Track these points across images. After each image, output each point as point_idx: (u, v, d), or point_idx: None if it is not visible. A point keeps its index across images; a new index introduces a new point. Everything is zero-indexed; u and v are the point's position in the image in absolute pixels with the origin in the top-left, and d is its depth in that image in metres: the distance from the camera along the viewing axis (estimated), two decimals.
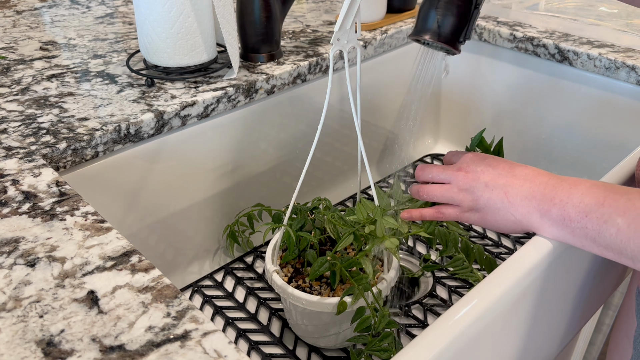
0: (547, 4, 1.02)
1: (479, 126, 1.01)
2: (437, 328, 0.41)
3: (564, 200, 0.45)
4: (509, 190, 0.49)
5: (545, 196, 0.47)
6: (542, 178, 0.48)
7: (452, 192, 0.53)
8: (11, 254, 0.43)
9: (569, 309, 0.63)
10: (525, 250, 0.50)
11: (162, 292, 0.40)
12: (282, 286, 0.58)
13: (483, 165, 0.52)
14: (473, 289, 0.46)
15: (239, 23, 0.75)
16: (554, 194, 0.46)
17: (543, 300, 0.55)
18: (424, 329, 0.42)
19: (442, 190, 0.54)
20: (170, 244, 0.72)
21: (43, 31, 0.88)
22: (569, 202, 0.45)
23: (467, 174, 0.52)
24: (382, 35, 0.88)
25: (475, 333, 0.43)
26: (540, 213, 0.47)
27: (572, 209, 0.45)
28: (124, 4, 1.02)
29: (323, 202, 0.69)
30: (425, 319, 0.68)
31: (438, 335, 0.41)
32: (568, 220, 0.45)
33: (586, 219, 0.44)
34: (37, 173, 0.52)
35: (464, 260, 0.66)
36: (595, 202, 0.44)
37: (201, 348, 0.35)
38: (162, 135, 0.66)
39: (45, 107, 0.64)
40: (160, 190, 0.69)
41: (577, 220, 0.44)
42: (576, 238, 0.45)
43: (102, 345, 0.36)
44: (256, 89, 0.73)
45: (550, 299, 0.56)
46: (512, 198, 0.49)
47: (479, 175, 0.51)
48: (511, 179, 0.50)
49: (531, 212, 0.48)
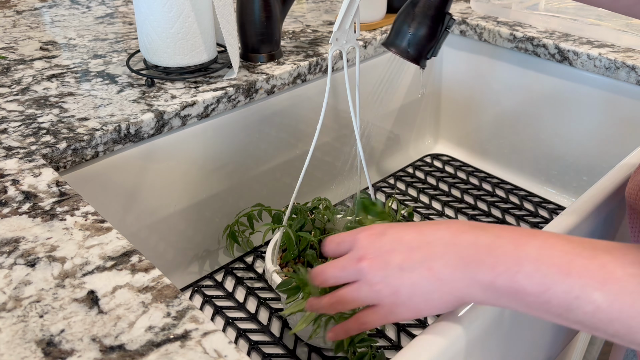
0: (547, 4, 1.02)
1: (479, 126, 1.01)
2: (436, 328, 0.41)
3: (511, 269, 0.35)
4: (431, 265, 0.38)
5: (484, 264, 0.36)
6: (465, 237, 0.38)
7: (364, 292, 0.40)
8: (11, 254, 0.43)
9: None
10: None
11: (162, 292, 0.40)
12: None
13: (385, 242, 0.40)
14: None
15: (239, 23, 0.76)
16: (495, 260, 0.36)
17: None
18: (424, 329, 0.42)
19: (351, 292, 0.41)
20: (170, 244, 0.72)
21: (43, 31, 0.88)
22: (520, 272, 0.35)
23: (371, 261, 0.40)
24: (382, 35, 0.88)
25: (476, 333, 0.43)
26: (483, 285, 0.36)
27: (526, 280, 0.34)
28: (124, 4, 1.02)
29: (323, 202, 0.69)
30: (425, 319, 0.68)
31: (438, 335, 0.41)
32: (523, 293, 0.35)
33: (548, 293, 0.34)
34: (37, 173, 0.53)
35: None
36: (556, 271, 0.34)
37: (201, 348, 0.35)
38: (162, 135, 0.66)
39: (45, 107, 0.64)
40: (160, 190, 0.69)
41: (536, 295, 0.34)
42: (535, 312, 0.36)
43: (102, 345, 0.36)
44: (256, 89, 0.73)
45: None
46: (440, 273, 0.38)
47: (387, 258, 0.39)
48: (428, 248, 0.38)
49: (469, 285, 0.37)
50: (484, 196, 0.92)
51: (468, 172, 0.99)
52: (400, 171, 0.99)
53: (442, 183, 0.95)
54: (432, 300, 0.39)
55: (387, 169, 0.99)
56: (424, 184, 0.95)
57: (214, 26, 0.72)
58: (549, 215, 0.87)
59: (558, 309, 0.34)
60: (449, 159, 1.03)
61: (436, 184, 0.95)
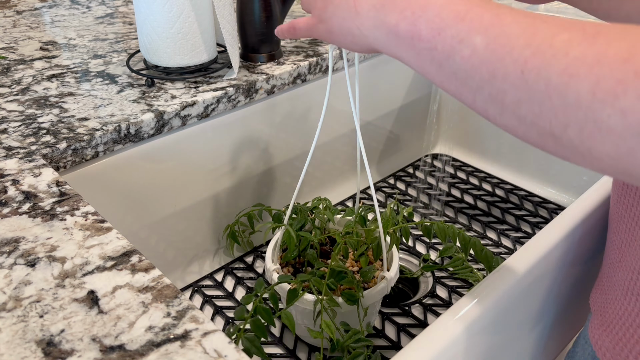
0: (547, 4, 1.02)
1: (479, 125, 1.01)
2: (437, 328, 0.42)
3: (416, 13, 0.35)
4: (359, 0, 0.39)
5: (397, 6, 0.36)
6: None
7: (308, 2, 0.45)
8: (11, 253, 0.43)
9: (569, 308, 0.63)
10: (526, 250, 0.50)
11: (162, 292, 0.40)
12: (282, 285, 0.58)
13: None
14: (473, 288, 0.46)
15: (239, 23, 0.76)
16: (406, 4, 0.36)
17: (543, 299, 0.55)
18: (424, 329, 0.42)
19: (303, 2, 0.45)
20: (170, 244, 0.72)
21: (43, 31, 0.88)
22: (422, 16, 0.35)
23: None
24: None
25: (475, 333, 0.43)
26: (387, 28, 0.37)
27: (425, 24, 0.34)
28: (124, 4, 1.02)
29: (323, 202, 0.69)
30: (425, 319, 0.68)
31: (438, 335, 0.41)
32: (417, 39, 0.35)
33: (438, 38, 0.34)
34: (37, 173, 0.53)
35: (463, 260, 0.66)
36: (454, 16, 0.33)
37: (201, 348, 0.35)
38: (162, 135, 0.66)
39: (45, 107, 0.64)
40: (160, 190, 0.69)
41: (427, 40, 0.34)
42: (420, 62, 0.36)
43: (102, 345, 0.36)
44: (256, 89, 0.73)
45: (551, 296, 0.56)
46: (360, 7, 0.39)
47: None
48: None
49: (378, 26, 0.38)
50: (484, 196, 0.92)
51: (468, 172, 0.99)
52: (400, 171, 0.99)
53: (442, 183, 0.95)
54: (344, 29, 0.40)
55: (387, 169, 0.99)
56: (424, 184, 0.95)
57: (214, 26, 0.72)
58: (548, 215, 0.87)
59: (441, 56, 0.34)
60: (449, 159, 1.03)
61: (436, 184, 0.95)
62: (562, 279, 0.56)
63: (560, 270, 0.55)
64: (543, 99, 0.29)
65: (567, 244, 0.53)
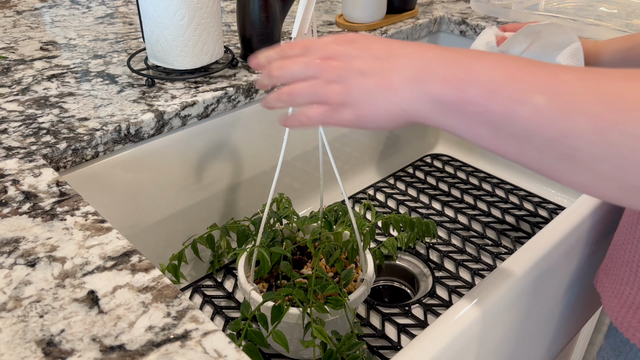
0: (547, 4, 1.02)
1: None
2: (437, 328, 0.42)
3: (463, 79, 0.34)
4: (389, 75, 0.37)
5: (437, 75, 0.35)
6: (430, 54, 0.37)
7: (317, 86, 0.40)
8: (11, 254, 0.43)
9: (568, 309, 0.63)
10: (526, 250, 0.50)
11: (162, 292, 0.40)
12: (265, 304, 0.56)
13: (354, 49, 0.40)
14: (473, 289, 0.46)
15: (239, 23, 0.76)
16: (448, 71, 0.35)
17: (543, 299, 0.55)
18: (424, 329, 0.42)
19: (306, 86, 0.41)
20: (170, 244, 0.72)
21: (43, 31, 0.88)
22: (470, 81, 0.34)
23: (336, 62, 0.39)
24: (382, 36, 0.88)
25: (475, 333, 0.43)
26: (430, 98, 0.35)
27: (474, 88, 0.33)
28: (124, 4, 1.02)
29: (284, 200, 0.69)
30: (425, 319, 0.68)
31: (438, 335, 0.41)
32: (467, 104, 0.34)
33: (492, 101, 0.32)
34: (38, 173, 0.53)
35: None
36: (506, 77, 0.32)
37: (201, 348, 0.35)
38: (163, 135, 0.66)
39: (45, 107, 0.65)
40: (161, 190, 0.69)
41: (479, 103, 0.33)
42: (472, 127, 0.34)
43: (102, 345, 0.36)
44: (256, 89, 0.73)
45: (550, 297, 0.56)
46: (394, 83, 0.37)
47: (351, 62, 0.39)
48: (391, 60, 0.38)
49: (418, 98, 0.36)
50: (484, 196, 0.92)
51: (468, 172, 0.99)
52: (400, 171, 0.99)
53: (442, 183, 0.95)
54: (378, 107, 0.38)
55: (387, 169, 0.99)
56: (424, 184, 0.95)
57: (221, 28, 0.72)
58: (549, 215, 0.87)
59: (497, 118, 0.33)
60: (449, 159, 1.03)
61: (436, 184, 0.95)
62: (563, 279, 0.56)
63: (561, 269, 0.55)
64: (626, 153, 0.28)
65: (567, 244, 0.53)
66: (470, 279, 0.74)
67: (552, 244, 0.51)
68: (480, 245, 0.80)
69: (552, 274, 0.53)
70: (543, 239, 0.51)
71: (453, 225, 0.84)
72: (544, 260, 0.50)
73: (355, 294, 0.58)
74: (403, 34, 0.92)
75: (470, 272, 0.75)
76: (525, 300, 0.50)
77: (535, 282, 0.50)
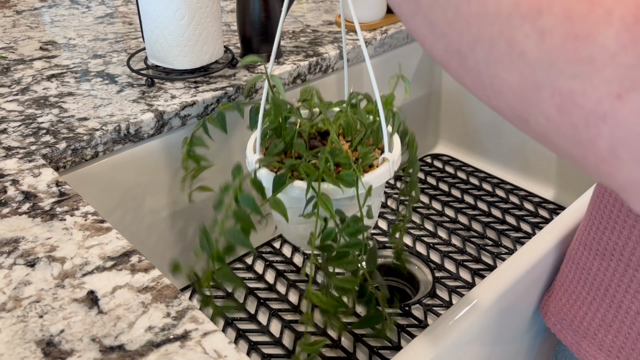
0: None
1: (479, 126, 1.01)
2: (437, 328, 0.42)
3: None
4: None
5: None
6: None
7: None
8: (11, 254, 0.43)
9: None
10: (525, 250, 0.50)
11: (162, 292, 0.40)
12: (267, 177, 0.49)
13: None
14: (473, 289, 0.46)
15: (239, 23, 0.75)
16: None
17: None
18: (424, 329, 0.42)
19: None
20: (170, 244, 0.72)
21: (43, 31, 0.88)
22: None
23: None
24: (382, 35, 0.88)
25: (475, 333, 0.43)
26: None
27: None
28: (124, 4, 1.02)
29: (314, 94, 0.58)
30: (425, 319, 0.68)
31: (438, 335, 0.41)
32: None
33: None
34: (37, 173, 0.52)
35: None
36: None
37: (201, 348, 0.35)
38: (162, 135, 0.66)
39: (45, 107, 0.64)
40: (160, 190, 0.69)
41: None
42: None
43: (102, 345, 0.36)
44: (256, 89, 0.73)
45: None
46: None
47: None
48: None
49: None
50: (484, 196, 0.92)
51: (468, 172, 0.99)
52: (400, 171, 0.99)
53: (442, 183, 0.95)
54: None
55: None
56: (423, 184, 0.95)
57: (221, 28, 0.72)
58: (549, 215, 0.87)
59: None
60: (449, 159, 1.03)
61: (436, 184, 0.95)
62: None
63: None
64: (460, 2, 0.25)
65: (568, 244, 0.53)
66: (470, 279, 0.74)
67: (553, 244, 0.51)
68: (481, 245, 0.80)
69: (552, 273, 0.53)
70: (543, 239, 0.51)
71: (453, 225, 0.84)
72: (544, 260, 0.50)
73: (374, 173, 0.48)
74: (403, 34, 0.92)
75: (470, 272, 0.75)
76: (526, 299, 0.50)
77: (536, 281, 0.50)
